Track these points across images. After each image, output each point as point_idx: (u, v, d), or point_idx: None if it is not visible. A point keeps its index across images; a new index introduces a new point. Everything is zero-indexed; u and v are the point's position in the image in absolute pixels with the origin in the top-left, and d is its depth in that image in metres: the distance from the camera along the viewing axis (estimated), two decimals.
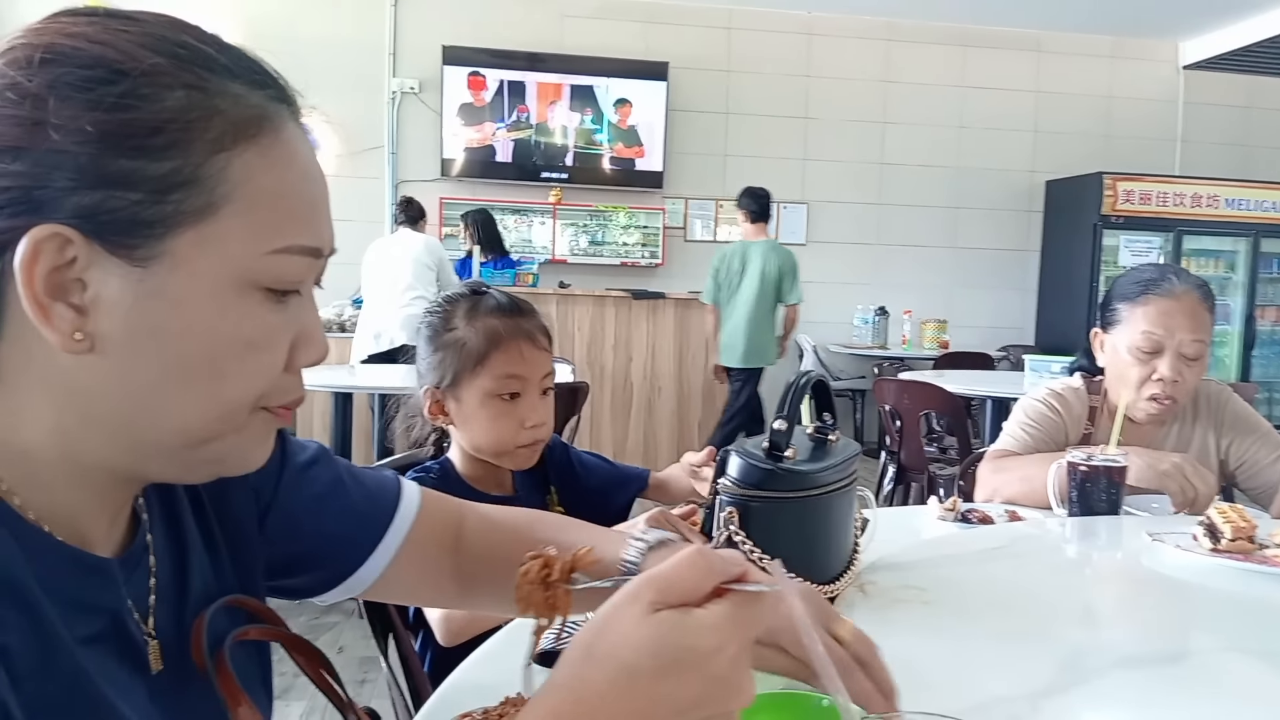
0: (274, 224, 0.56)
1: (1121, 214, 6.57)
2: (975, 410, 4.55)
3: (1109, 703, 0.85)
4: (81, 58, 0.52)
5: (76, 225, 0.51)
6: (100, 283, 0.52)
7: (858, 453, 1.17)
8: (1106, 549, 1.46)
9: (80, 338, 0.52)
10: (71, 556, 0.56)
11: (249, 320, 0.56)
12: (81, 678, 0.54)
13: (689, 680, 0.50)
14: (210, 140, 0.54)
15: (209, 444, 0.58)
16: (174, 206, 0.53)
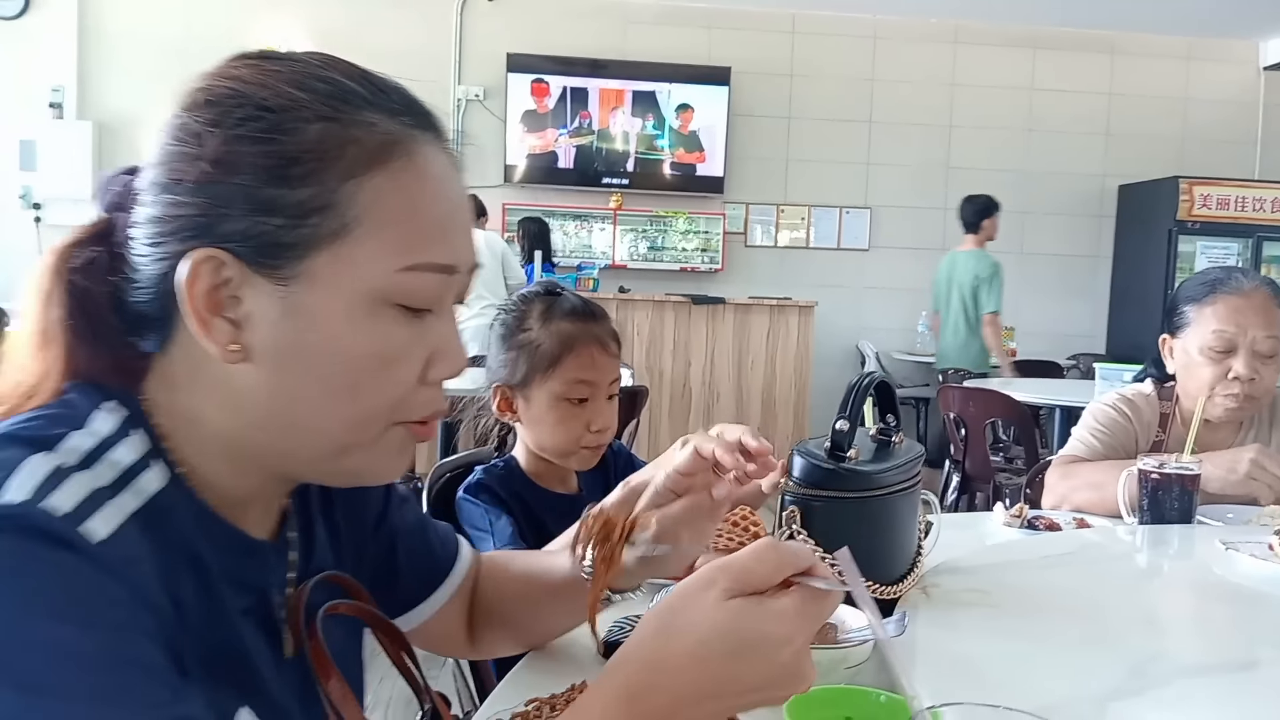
0: (403, 243, 0.60)
1: (1198, 219, 6.36)
2: (1043, 419, 4.46)
3: (1177, 709, 0.84)
4: (235, 98, 0.59)
5: (229, 248, 0.58)
6: (251, 300, 0.59)
7: (921, 455, 1.16)
8: (1178, 557, 1.43)
9: (235, 348, 0.59)
10: (234, 536, 0.63)
11: (381, 335, 0.60)
12: (237, 643, 0.61)
13: (757, 665, 0.54)
14: (344, 167, 0.58)
15: (348, 453, 0.63)
16: (311, 230, 0.58)
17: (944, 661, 0.91)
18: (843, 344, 6.56)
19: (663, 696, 0.54)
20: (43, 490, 0.52)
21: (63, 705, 0.47)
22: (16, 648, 0.48)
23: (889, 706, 0.77)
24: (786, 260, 6.69)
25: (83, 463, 0.56)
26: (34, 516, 0.51)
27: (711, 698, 0.55)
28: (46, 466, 0.54)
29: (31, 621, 0.48)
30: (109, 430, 0.59)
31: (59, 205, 6.18)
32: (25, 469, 0.53)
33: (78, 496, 0.53)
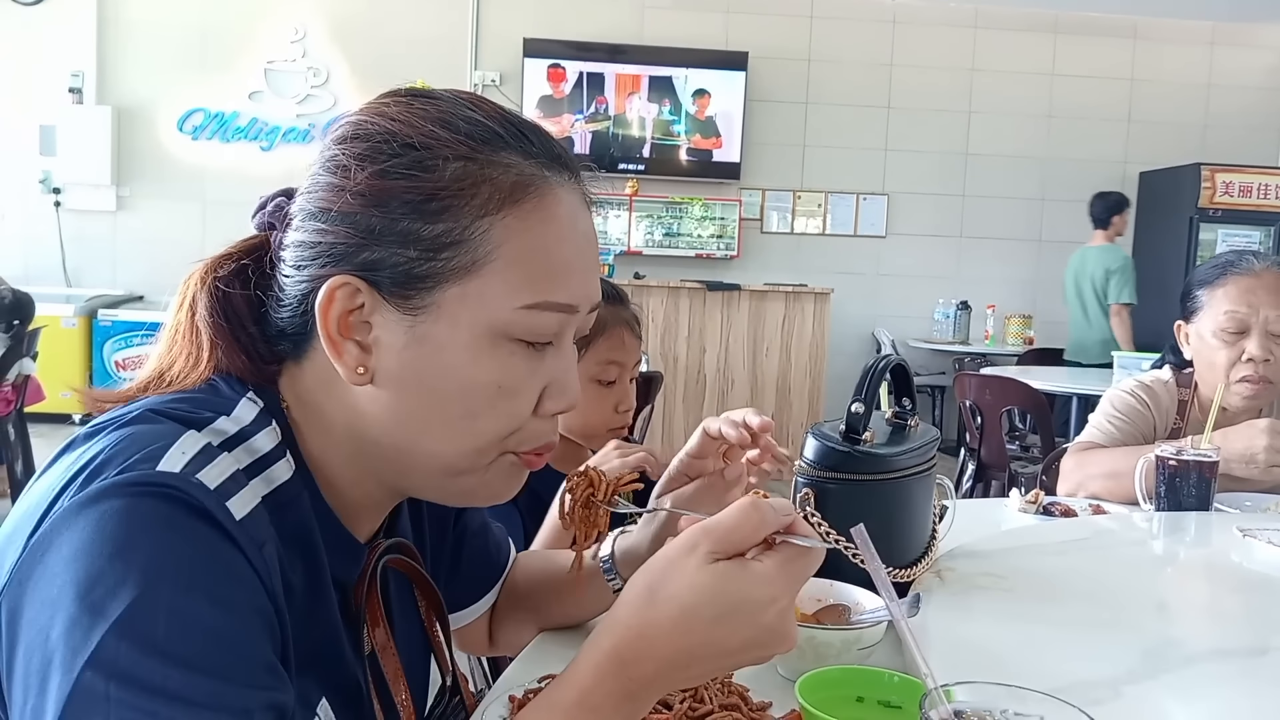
0: (528, 282, 0.62)
1: (1220, 206, 6.29)
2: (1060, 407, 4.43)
3: (1192, 692, 0.84)
4: (386, 134, 0.62)
5: (364, 276, 0.61)
6: (381, 326, 0.62)
7: (937, 439, 1.16)
8: (1194, 543, 1.42)
9: (363, 371, 0.62)
10: (343, 536, 0.67)
11: (500, 367, 0.63)
12: (330, 636, 0.65)
13: (741, 626, 0.55)
14: (477, 205, 0.61)
15: (462, 476, 0.66)
16: (443, 264, 0.61)
17: (957, 644, 0.91)
18: (859, 331, 6.54)
19: (651, 663, 0.55)
20: (195, 464, 0.55)
21: (176, 670, 0.49)
22: (149, 608, 0.50)
23: (901, 686, 0.77)
24: (803, 247, 6.66)
25: (226, 444, 0.59)
26: (187, 487, 0.54)
27: (699, 660, 0.56)
28: (198, 443, 0.57)
29: (168, 587, 0.51)
30: (250, 418, 0.63)
31: (78, 190, 6.23)
32: (181, 442, 0.56)
33: (223, 475, 0.56)
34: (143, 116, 6.27)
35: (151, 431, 0.57)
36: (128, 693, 0.48)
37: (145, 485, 0.53)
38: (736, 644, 0.56)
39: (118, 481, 0.53)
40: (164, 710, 0.48)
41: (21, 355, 4.42)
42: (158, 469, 0.54)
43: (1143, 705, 0.79)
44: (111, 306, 5.92)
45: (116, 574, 0.50)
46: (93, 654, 0.48)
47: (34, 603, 0.51)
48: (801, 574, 0.57)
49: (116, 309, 5.91)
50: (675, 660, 0.55)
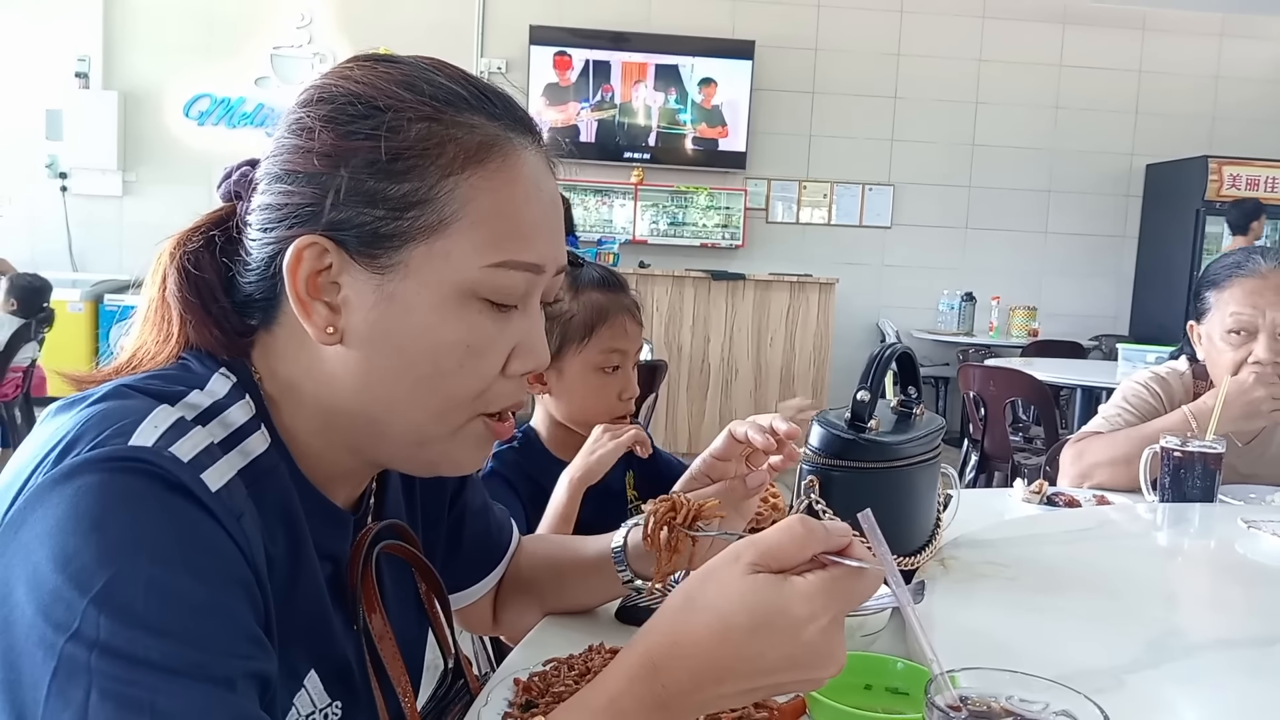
0: (494, 241, 0.63)
1: (1227, 199, 6.26)
2: (1064, 400, 4.43)
3: (1196, 682, 0.84)
4: (346, 96, 0.62)
5: (331, 236, 0.61)
6: (349, 286, 0.62)
7: (942, 428, 1.16)
8: (1199, 534, 1.42)
9: (332, 331, 0.62)
10: (324, 505, 0.67)
11: (467, 326, 0.63)
12: (316, 607, 0.65)
13: (779, 642, 0.53)
14: (442, 165, 0.61)
15: (430, 443, 0.66)
16: (409, 223, 0.61)
17: (961, 631, 0.91)
18: (863, 322, 6.53)
19: (684, 670, 0.54)
20: (168, 438, 0.55)
21: (157, 641, 0.49)
22: (128, 581, 0.50)
23: (906, 673, 0.77)
24: (808, 237, 6.65)
25: (199, 418, 0.59)
26: (160, 461, 0.54)
27: (736, 675, 0.54)
28: (171, 417, 0.57)
29: (145, 560, 0.51)
30: (223, 393, 0.63)
31: (85, 175, 6.23)
32: (152, 417, 0.56)
33: (197, 448, 0.56)
34: (149, 102, 6.26)
35: (123, 407, 0.57)
36: (110, 664, 0.48)
37: (118, 460, 0.53)
38: (775, 660, 0.53)
39: (91, 457, 0.53)
40: (146, 679, 0.48)
41: (29, 339, 4.43)
42: (130, 443, 0.54)
43: (1146, 695, 0.79)
44: (118, 291, 5.93)
45: (93, 549, 0.50)
46: (75, 628, 0.48)
47: (10, 580, 0.51)
48: (850, 594, 0.55)
49: (123, 294, 5.92)
50: (709, 670, 0.54)
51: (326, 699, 0.65)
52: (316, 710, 0.65)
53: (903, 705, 0.75)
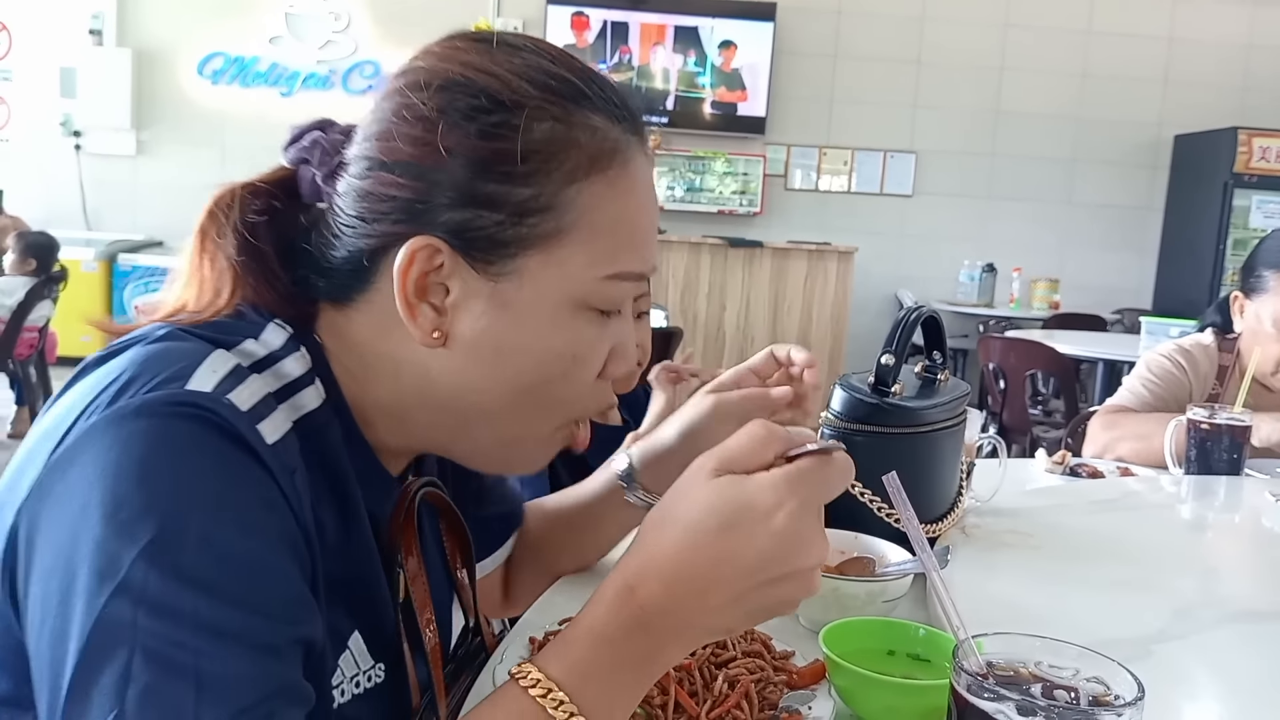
0: (611, 252, 0.61)
1: (1255, 172, 6.14)
2: (1084, 373, 4.38)
3: (1223, 653, 0.82)
4: (469, 86, 0.59)
5: (446, 238, 0.58)
6: (459, 290, 0.59)
7: (966, 393, 1.14)
8: (1225, 507, 1.40)
9: (437, 335, 0.60)
10: (376, 469, 0.65)
11: (576, 336, 0.62)
12: (362, 569, 0.63)
13: (750, 537, 0.50)
14: (567, 170, 0.59)
15: (515, 447, 0.65)
16: (529, 229, 0.59)
17: (984, 599, 0.89)
18: (882, 292, 6.47)
19: (658, 585, 0.51)
20: (226, 384, 0.53)
21: (206, 599, 0.48)
22: (178, 534, 0.48)
23: (929, 639, 0.75)
24: (827, 204, 6.58)
25: (255, 366, 0.57)
26: (219, 408, 0.52)
27: (714, 584, 0.51)
28: (228, 362, 0.55)
29: (198, 512, 0.49)
30: (279, 343, 0.60)
31: (99, 133, 6.22)
32: (210, 361, 0.54)
33: (255, 397, 0.54)
34: (162, 60, 6.23)
35: (180, 349, 0.55)
36: (155, 621, 0.46)
37: (176, 404, 0.51)
38: (752, 558, 0.50)
39: (148, 400, 0.51)
40: (191, 640, 0.47)
41: (44, 297, 4.45)
42: (188, 388, 0.52)
43: (1174, 664, 0.78)
44: (132, 251, 5.94)
45: (144, 498, 0.48)
46: (120, 580, 0.46)
47: (56, 521, 0.49)
48: (816, 480, 0.52)
49: (136, 253, 5.93)
50: (685, 582, 0.51)
51: (370, 660, 0.64)
52: (360, 672, 0.63)
53: (924, 671, 0.74)
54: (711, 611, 0.51)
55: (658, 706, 0.66)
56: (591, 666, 0.52)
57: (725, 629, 0.54)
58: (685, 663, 0.70)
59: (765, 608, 0.52)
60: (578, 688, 0.51)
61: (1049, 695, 0.54)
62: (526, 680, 0.51)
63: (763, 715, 0.67)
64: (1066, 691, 0.54)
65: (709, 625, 0.53)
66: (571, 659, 0.52)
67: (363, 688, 0.64)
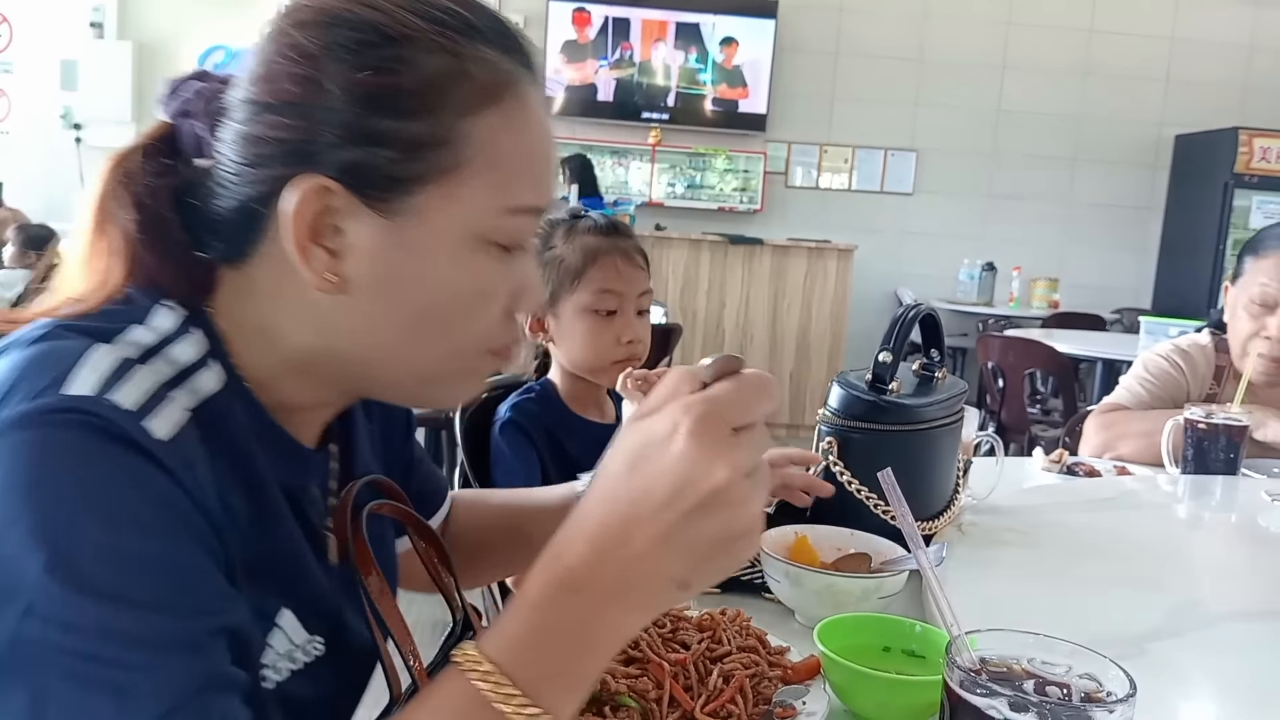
0: (509, 185, 0.59)
1: (1256, 173, 6.13)
2: (1083, 372, 4.38)
3: (1219, 651, 0.83)
4: (355, 21, 0.57)
5: (338, 178, 0.56)
6: (354, 231, 0.58)
7: (963, 392, 1.14)
8: (1221, 507, 1.40)
9: (332, 279, 0.58)
10: (286, 442, 0.63)
11: (479, 272, 0.60)
12: (284, 546, 0.62)
13: (656, 468, 0.48)
14: (459, 103, 0.57)
15: (434, 382, 0.64)
16: (424, 165, 0.57)
17: (979, 596, 0.90)
18: (881, 290, 6.47)
19: (581, 542, 0.50)
20: (109, 383, 0.51)
21: (112, 608, 0.47)
22: (75, 546, 0.47)
23: (924, 636, 0.76)
24: (827, 202, 6.58)
25: (143, 357, 0.55)
26: (101, 410, 0.50)
27: (636, 526, 0.48)
28: (112, 358, 0.53)
29: (92, 521, 0.48)
30: (170, 327, 0.58)
31: (99, 126, 6.21)
32: (91, 359, 0.52)
33: (142, 392, 0.52)
34: (163, 53, 6.22)
35: (58, 350, 0.52)
36: (64, 637, 0.45)
37: (56, 413, 0.49)
38: (664, 489, 0.48)
39: (27, 411, 0.49)
40: (104, 652, 0.46)
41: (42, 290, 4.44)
42: (68, 392, 0.50)
43: (1167, 663, 0.78)
44: None
45: (35, 515, 0.46)
46: (23, 601, 0.45)
47: None
48: (716, 397, 0.49)
49: None
50: (606, 531, 0.49)
51: (305, 635, 0.63)
52: (296, 648, 0.62)
53: (918, 668, 0.74)
54: (642, 558, 0.48)
55: (653, 700, 0.66)
56: (522, 637, 0.50)
57: (668, 578, 0.49)
58: (680, 657, 0.70)
59: (704, 543, 0.48)
60: (510, 660, 0.49)
61: (1041, 691, 0.54)
62: (459, 658, 0.50)
63: (757, 710, 0.67)
64: (1059, 688, 0.54)
65: (646, 574, 0.49)
66: (505, 633, 0.50)
67: (301, 663, 0.62)
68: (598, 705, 0.65)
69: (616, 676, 0.67)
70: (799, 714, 0.68)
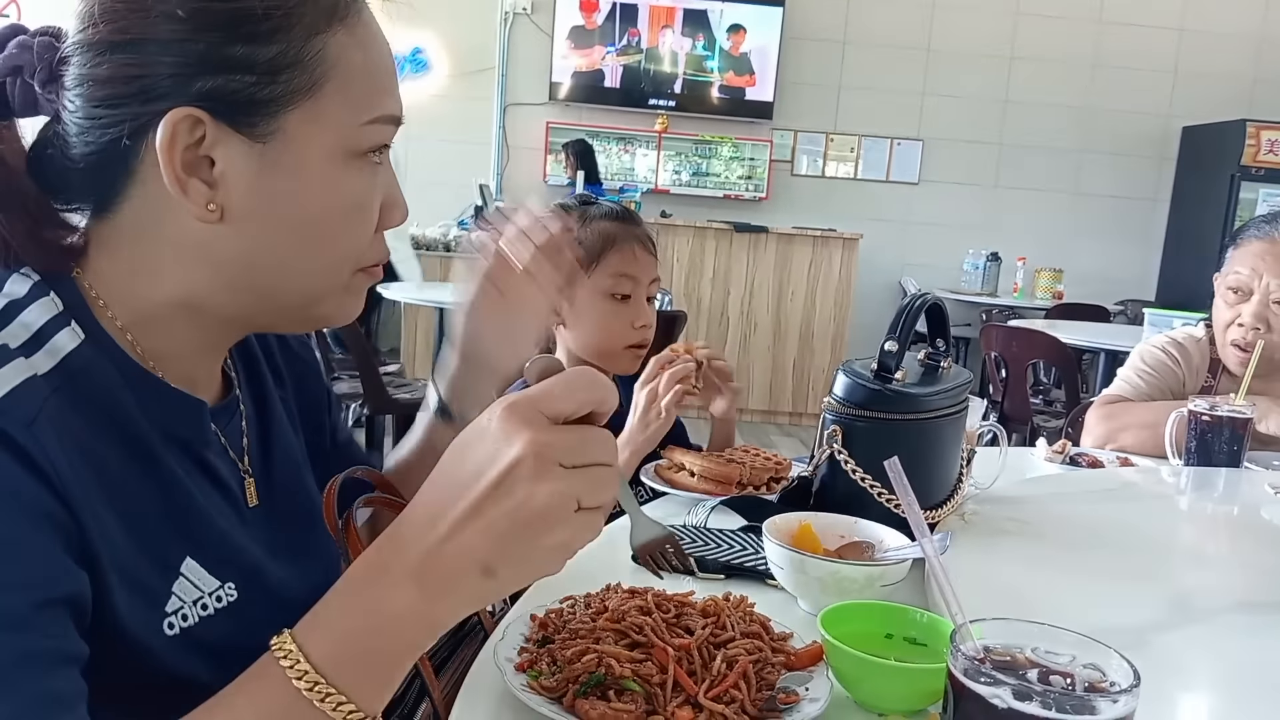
0: (366, 97, 0.62)
1: (1263, 165, 6.11)
2: (1086, 363, 4.38)
3: (1219, 643, 0.83)
4: None
5: (204, 107, 0.57)
6: (227, 159, 0.59)
7: (968, 381, 1.14)
8: (1224, 499, 1.40)
9: (213, 208, 0.59)
10: (168, 394, 0.64)
11: (352, 185, 0.63)
12: (178, 490, 0.62)
13: (467, 455, 0.51)
14: (307, 24, 0.59)
15: (320, 301, 0.66)
16: (283, 86, 0.59)
17: (981, 585, 0.90)
18: (885, 279, 6.46)
19: (397, 524, 0.52)
20: None
21: None
22: None
23: (928, 625, 0.76)
24: (833, 191, 6.56)
25: None
26: None
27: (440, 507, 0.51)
28: None
29: None
30: (22, 292, 0.59)
31: None
32: None
33: None
34: None
35: None
36: None
37: None
38: (468, 474, 0.50)
39: None
40: None
41: None
42: None
43: (1170, 654, 0.78)
44: None
45: None
46: None
47: None
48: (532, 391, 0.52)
49: None
50: (416, 517, 0.52)
51: (215, 582, 0.63)
52: (205, 594, 0.63)
53: (920, 655, 0.74)
54: (446, 541, 0.50)
55: (656, 685, 0.66)
56: (322, 615, 0.52)
57: (472, 561, 0.50)
58: (684, 642, 0.70)
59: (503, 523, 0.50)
60: (307, 638, 0.51)
61: (1045, 681, 0.54)
62: (274, 643, 0.52)
63: (760, 695, 0.67)
64: (1063, 677, 0.55)
65: (450, 558, 0.50)
66: (310, 615, 0.53)
67: (212, 609, 0.63)
68: (602, 689, 0.66)
69: (621, 661, 0.67)
70: (802, 700, 0.68)
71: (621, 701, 0.65)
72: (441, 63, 6.27)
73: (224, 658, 0.57)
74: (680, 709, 0.65)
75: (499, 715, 0.68)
